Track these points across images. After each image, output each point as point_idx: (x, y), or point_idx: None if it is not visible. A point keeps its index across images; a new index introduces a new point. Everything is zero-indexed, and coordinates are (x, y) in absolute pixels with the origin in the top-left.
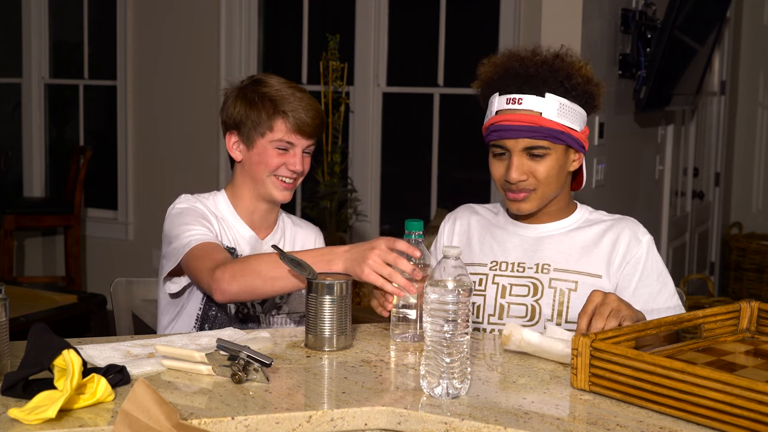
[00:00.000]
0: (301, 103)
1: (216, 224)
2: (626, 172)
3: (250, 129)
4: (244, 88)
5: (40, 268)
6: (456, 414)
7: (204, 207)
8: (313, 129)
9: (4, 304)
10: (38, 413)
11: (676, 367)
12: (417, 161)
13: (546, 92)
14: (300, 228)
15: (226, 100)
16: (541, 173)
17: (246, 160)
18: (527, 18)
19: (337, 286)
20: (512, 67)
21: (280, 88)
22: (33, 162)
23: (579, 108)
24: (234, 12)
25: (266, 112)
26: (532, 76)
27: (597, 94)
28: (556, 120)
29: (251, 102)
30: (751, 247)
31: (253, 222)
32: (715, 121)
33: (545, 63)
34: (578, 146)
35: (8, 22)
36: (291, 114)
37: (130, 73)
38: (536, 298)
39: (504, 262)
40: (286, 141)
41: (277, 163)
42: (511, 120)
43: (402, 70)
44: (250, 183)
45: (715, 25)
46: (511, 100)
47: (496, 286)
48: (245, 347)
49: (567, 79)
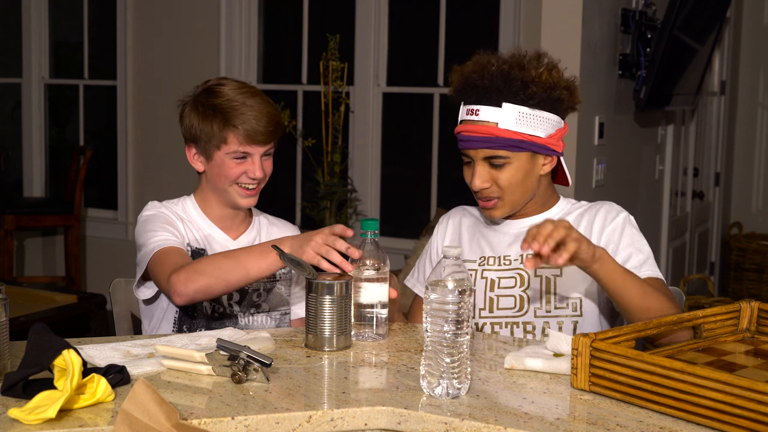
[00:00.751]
0: (252, 112)
1: (182, 227)
2: (626, 172)
3: (205, 142)
4: (197, 98)
5: (40, 268)
6: (456, 414)
7: (170, 212)
8: (266, 136)
9: (4, 304)
10: (38, 413)
11: (676, 367)
12: (417, 161)
13: (503, 102)
14: (276, 227)
15: (182, 112)
16: (503, 181)
17: (207, 171)
18: (527, 18)
19: (337, 286)
20: (471, 78)
21: (231, 97)
22: (33, 162)
23: (544, 113)
24: (234, 12)
25: (217, 125)
26: (487, 88)
27: (563, 98)
28: (514, 129)
29: (203, 115)
30: (751, 247)
31: (224, 225)
32: (715, 121)
33: (501, 74)
34: (545, 151)
35: (8, 22)
36: (241, 126)
37: (130, 73)
38: (523, 288)
39: (491, 257)
40: (241, 151)
41: (236, 173)
42: (470, 131)
43: (402, 70)
44: (214, 191)
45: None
46: (470, 111)
47: (485, 281)
48: (245, 347)
49: (523, 89)
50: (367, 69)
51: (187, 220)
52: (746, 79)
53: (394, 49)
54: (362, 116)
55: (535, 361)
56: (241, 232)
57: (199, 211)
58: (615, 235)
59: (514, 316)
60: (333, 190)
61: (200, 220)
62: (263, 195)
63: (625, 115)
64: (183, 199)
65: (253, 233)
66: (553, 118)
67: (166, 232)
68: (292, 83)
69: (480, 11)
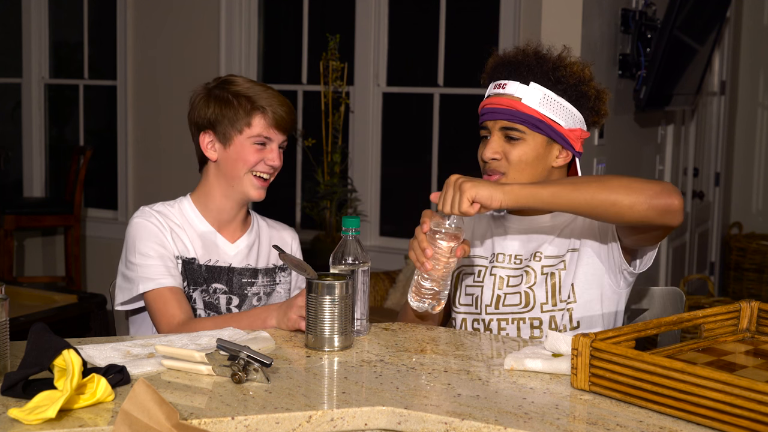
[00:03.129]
0: (276, 99)
1: (171, 238)
2: (626, 172)
3: (226, 126)
4: (212, 90)
5: (40, 268)
6: (456, 414)
7: (160, 223)
8: (288, 123)
9: (4, 304)
10: (38, 413)
11: (676, 367)
12: (417, 161)
13: (531, 81)
14: (275, 230)
15: (195, 102)
16: (514, 156)
17: (222, 158)
18: (527, 18)
19: (338, 287)
20: (507, 55)
21: (250, 86)
22: (33, 162)
23: (568, 104)
24: (234, 12)
25: (243, 108)
26: (520, 63)
27: (590, 95)
28: (536, 108)
29: (226, 100)
30: (751, 247)
31: (223, 226)
32: (715, 121)
33: (536, 53)
34: (562, 142)
35: (8, 22)
36: (269, 109)
37: (130, 73)
38: (530, 285)
39: (501, 254)
40: (264, 136)
41: (255, 159)
42: (494, 103)
43: (402, 70)
44: (224, 182)
45: (715, 25)
46: (497, 85)
47: (493, 278)
48: (245, 347)
49: (553, 71)
50: (367, 69)
51: (180, 226)
52: (746, 79)
53: (394, 49)
54: (362, 116)
55: (534, 361)
56: (239, 235)
57: (197, 212)
58: None
59: (520, 312)
60: (333, 190)
61: (198, 222)
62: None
63: (625, 115)
64: (180, 201)
65: (252, 236)
66: (576, 114)
67: (158, 260)
68: (292, 83)
69: (480, 11)
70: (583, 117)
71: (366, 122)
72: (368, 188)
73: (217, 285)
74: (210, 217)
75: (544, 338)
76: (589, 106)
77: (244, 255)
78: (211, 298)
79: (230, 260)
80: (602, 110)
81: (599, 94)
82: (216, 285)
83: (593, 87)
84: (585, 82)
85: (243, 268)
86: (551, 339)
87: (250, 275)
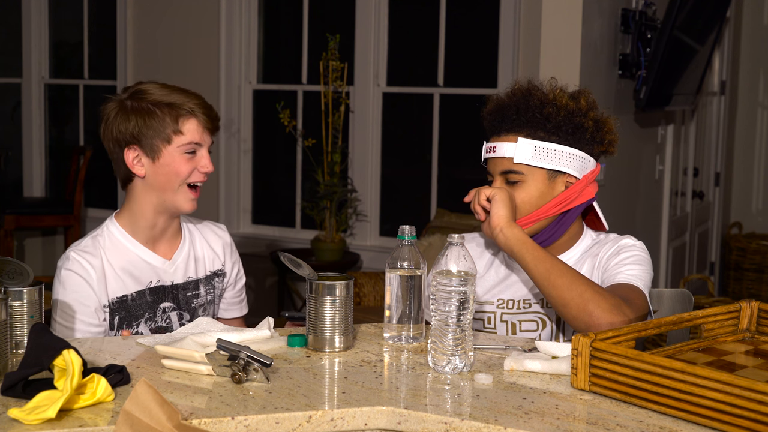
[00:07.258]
0: (197, 100)
1: (96, 288)
2: (626, 172)
3: (152, 138)
4: (126, 102)
5: (40, 268)
6: (456, 414)
7: (86, 271)
8: (216, 123)
9: (4, 304)
10: (38, 413)
11: (676, 367)
12: (417, 161)
13: (519, 130)
14: (209, 229)
15: (111, 117)
16: (518, 200)
17: (151, 173)
18: (527, 18)
19: (338, 287)
20: (498, 99)
21: (167, 92)
22: (33, 162)
23: (563, 147)
24: (234, 12)
25: (169, 116)
26: (508, 106)
27: (587, 127)
28: (528, 163)
29: (147, 111)
30: (751, 247)
31: (153, 239)
32: (715, 121)
33: (526, 91)
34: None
35: (8, 22)
36: (198, 110)
37: (130, 73)
38: (544, 330)
39: (510, 300)
40: (195, 143)
41: (188, 169)
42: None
43: (402, 70)
44: (155, 197)
45: (715, 25)
46: (488, 148)
47: (505, 324)
48: (245, 347)
49: (540, 109)
50: (367, 69)
51: (109, 262)
52: (746, 79)
53: (394, 49)
54: (362, 116)
55: (534, 362)
56: (174, 249)
57: (126, 235)
58: (618, 248)
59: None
60: (333, 190)
61: (129, 245)
62: (264, 194)
63: (625, 115)
64: (106, 225)
65: (186, 246)
66: (575, 154)
67: (75, 321)
68: (292, 83)
69: (480, 11)
70: (584, 152)
71: (366, 122)
72: (368, 188)
73: (165, 304)
74: (141, 237)
75: (536, 344)
76: (588, 138)
77: (183, 270)
78: (160, 321)
79: (171, 278)
80: (606, 139)
81: (599, 124)
82: (164, 304)
83: (591, 117)
84: (580, 114)
85: (186, 283)
86: (541, 348)
87: (193, 287)
